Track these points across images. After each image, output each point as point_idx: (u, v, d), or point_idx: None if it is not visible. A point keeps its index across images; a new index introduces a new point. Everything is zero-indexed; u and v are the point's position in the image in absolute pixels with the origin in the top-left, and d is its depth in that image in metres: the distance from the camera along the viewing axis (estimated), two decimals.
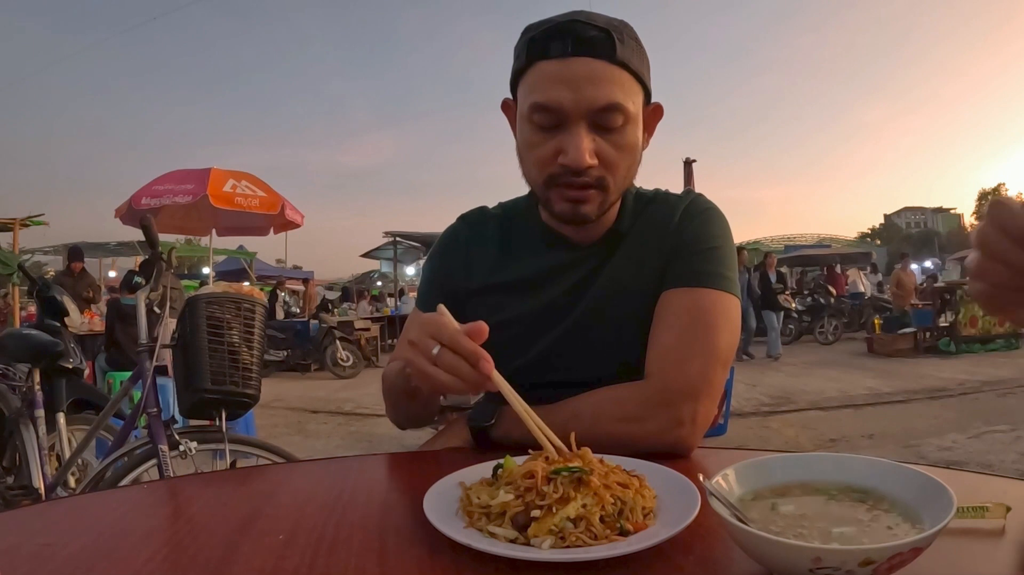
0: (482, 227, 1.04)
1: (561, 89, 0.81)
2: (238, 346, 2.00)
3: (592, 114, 0.82)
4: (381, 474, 0.81)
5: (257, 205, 5.96)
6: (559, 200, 0.87)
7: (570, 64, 0.81)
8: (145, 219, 2.14)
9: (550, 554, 0.49)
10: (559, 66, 0.82)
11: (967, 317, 8.74)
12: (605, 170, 0.85)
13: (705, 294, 0.87)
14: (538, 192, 0.91)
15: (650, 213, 0.97)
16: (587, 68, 0.81)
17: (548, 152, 0.84)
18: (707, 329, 0.85)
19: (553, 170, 0.85)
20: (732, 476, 0.53)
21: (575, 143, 0.82)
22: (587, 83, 0.81)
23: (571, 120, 0.82)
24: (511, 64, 0.91)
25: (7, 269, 7.46)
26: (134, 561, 0.53)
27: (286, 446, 2.28)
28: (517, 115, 0.90)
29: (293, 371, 9.83)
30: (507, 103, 0.96)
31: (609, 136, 0.84)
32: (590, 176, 0.84)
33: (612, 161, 0.85)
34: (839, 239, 24.67)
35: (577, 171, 0.83)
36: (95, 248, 13.14)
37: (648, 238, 0.95)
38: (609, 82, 0.81)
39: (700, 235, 0.92)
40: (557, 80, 0.81)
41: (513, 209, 1.05)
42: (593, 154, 0.83)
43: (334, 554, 0.53)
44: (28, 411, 2.50)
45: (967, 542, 0.51)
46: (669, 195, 1.01)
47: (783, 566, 0.42)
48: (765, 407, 5.73)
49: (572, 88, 0.81)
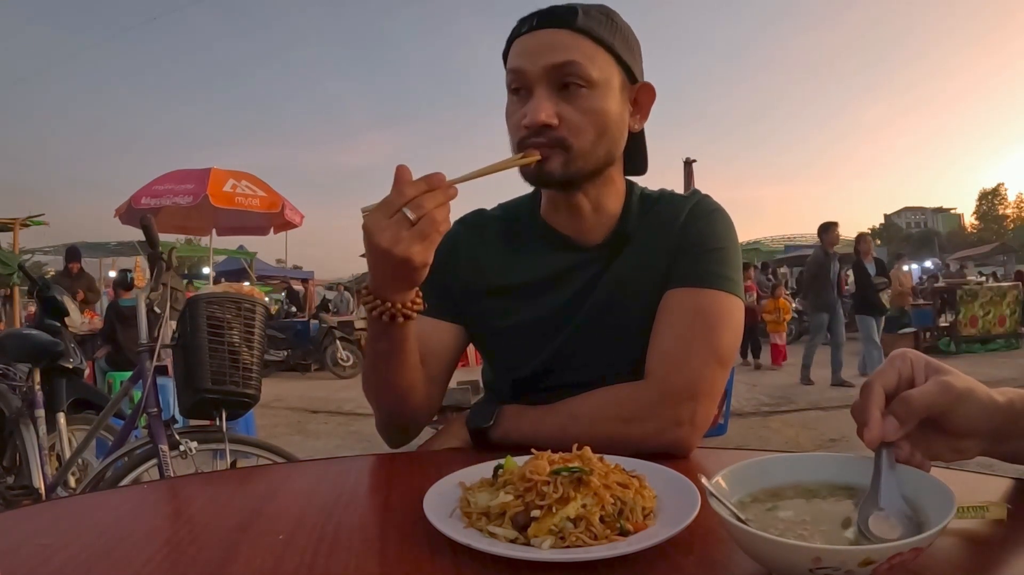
0: (482, 230, 1.03)
1: (524, 56, 0.88)
2: (238, 346, 2.00)
3: (549, 73, 0.86)
4: (381, 474, 0.81)
5: (257, 205, 5.96)
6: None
7: (535, 35, 0.88)
8: (145, 219, 2.15)
9: (550, 554, 0.49)
10: (527, 38, 0.89)
11: (967, 317, 8.74)
12: (567, 131, 0.86)
13: (708, 294, 0.87)
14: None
15: (656, 213, 0.97)
16: (549, 36, 0.87)
17: (518, 118, 0.88)
18: (708, 330, 0.85)
19: (521, 134, 0.88)
20: (732, 476, 0.53)
21: (532, 104, 0.86)
22: (547, 48, 0.87)
23: (533, 83, 0.87)
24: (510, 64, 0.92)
25: (7, 269, 7.47)
26: (134, 561, 0.53)
27: (286, 446, 2.29)
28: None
29: (293, 371, 9.84)
30: None
31: (572, 99, 0.86)
32: (549, 137, 0.86)
33: (574, 123, 0.86)
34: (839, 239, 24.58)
35: (536, 130, 0.85)
36: (95, 248, 13.13)
37: (654, 238, 0.94)
38: (565, 46, 0.86)
39: (705, 236, 0.92)
40: (523, 49, 0.88)
41: (514, 210, 1.04)
42: (552, 114, 0.85)
43: (334, 554, 0.53)
44: (28, 411, 2.50)
45: (967, 542, 0.51)
46: (675, 195, 1.00)
47: (783, 566, 0.42)
48: (765, 407, 5.73)
49: (532, 54, 0.87)
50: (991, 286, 9.76)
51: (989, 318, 8.80)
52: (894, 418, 0.51)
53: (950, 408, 0.52)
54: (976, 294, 8.90)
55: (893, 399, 0.53)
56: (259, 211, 6.01)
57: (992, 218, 65.23)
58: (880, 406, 0.52)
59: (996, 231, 57.36)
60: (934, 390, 0.52)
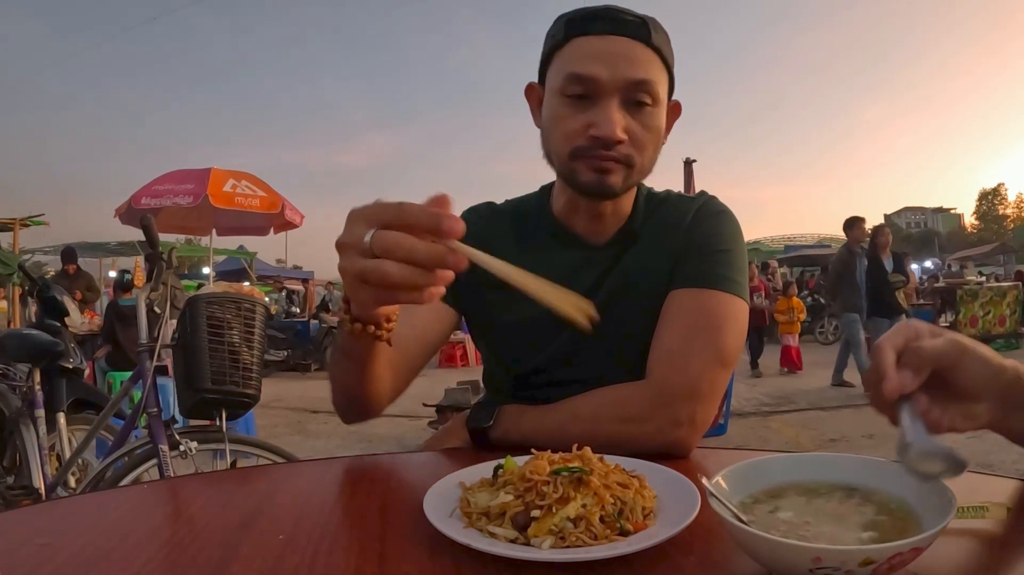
0: (494, 221, 1.01)
1: (598, 62, 0.83)
2: (238, 346, 2.00)
3: (625, 89, 0.84)
4: (381, 474, 0.81)
5: (257, 205, 5.96)
6: (585, 171, 0.86)
7: (608, 40, 0.84)
8: (145, 219, 2.15)
9: (550, 554, 0.49)
10: (598, 41, 0.85)
11: (967, 317, 8.75)
12: (633, 147, 0.85)
13: (712, 295, 0.87)
14: (561, 166, 0.90)
15: (663, 214, 0.97)
16: (624, 46, 0.84)
17: (577, 125, 0.85)
18: (711, 331, 0.84)
19: (581, 142, 0.85)
20: (732, 476, 0.52)
21: (607, 115, 0.83)
22: (623, 59, 0.83)
23: (604, 93, 0.84)
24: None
25: (7, 269, 7.48)
26: (134, 561, 0.53)
27: (286, 446, 2.29)
28: (547, 92, 0.91)
29: (293, 371, 9.84)
30: (531, 87, 0.96)
31: (638, 115, 0.85)
32: (618, 152, 0.84)
33: (640, 140, 0.86)
34: (839, 239, 24.65)
35: (607, 144, 0.84)
36: (95, 248, 13.13)
37: (660, 239, 0.94)
38: (644, 62, 0.85)
39: (711, 237, 0.92)
40: (595, 54, 0.84)
41: (523, 206, 1.03)
42: (624, 129, 0.84)
43: (334, 554, 0.53)
44: (28, 411, 2.50)
45: (967, 542, 0.51)
46: (682, 197, 1.00)
47: (783, 566, 0.42)
48: (765, 407, 5.73)
49: (609, 62, 0.83)
50: (991, 286, 9.77)
51: (989, 318, 8.80)
52: (908, 369, 0.53)
53: (958, 362, 0.54)
54: (976, 294, 8.91)
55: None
56: (259, 211, 6.01)
57: (992, 218, 65.23)
58: (892, 363, 0.54)
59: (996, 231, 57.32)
60: (941, 343, 0.54)
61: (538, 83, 0.95)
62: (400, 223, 0.53)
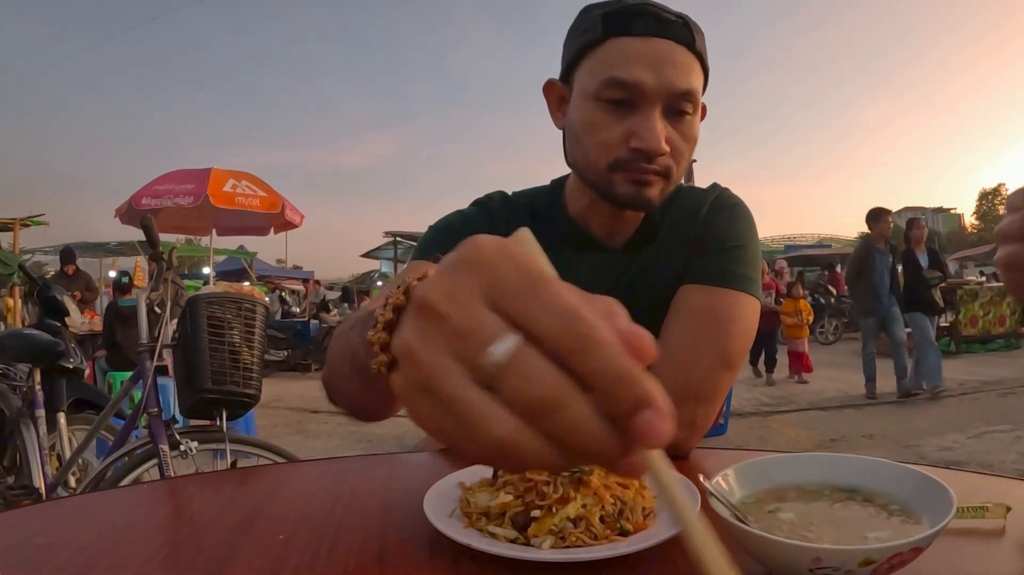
0: (513, 213, 0.95)
1: (643, 67, 0.78)
2: (239, 346, 2.00)
3: (670, 98, 0.79)
4: (381, 474, 0.81)
5: (257, 205, 5.96)
6: (623, 183, 0.81)
7: (654, 44, 0.78)
8: (146, 219, 2.15)
9: (550, 554, 0.49)
10: (643, 43, 0.78)
11: (967, 317, 8.75)
12: (672, 159, 0.81)
13: (722, 294, 0.84)
14: (595, 176, 0.84)
15: (677, 207, 0.93)
16: (670, 51, 0.79)
17: (617, 135, 0.80)
18: (718, 332, 0.82)
19: (621, 154, 0.80)
20: (732, 476, 0.53)
21: (651, 126, 0.78)
22: (670, 65, 0.78)
23: (647, 102, 0.78)
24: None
25: (7, 269, 7.48)
26: (134, 561, 0.53)
27: (286, 446, 2.28)
28: (577, 93, 0.85)
29: (293, 371, 9.84)
30: (552, 84, 0.90)
31: (679, 125, 0.81)
32: (659, 164, 0.80)
33: (680, 150, 0.82)
34: (839, 239, 24.64)
35: (650, 157, 0.79)
36: (95, 248, 13.13)
37: (677, 233, 0.91)
38: (689, 69, 0.80)
39: (726, 232, 0.89)
40: (640, 57, 0.78)
41: (536, 202, 0.97)
42: (666, 140, 0.79)
43: (334, 554, 0.53)
44: (28, 411, 2.50)
45: (967, 542, 0.51)
46: (694, 189, 0.97)
47: (783, 566, 0.42)
48: (765, 407, 5.73)
49: (655, 68, 0.78)
50: (991, 286, 9.77)
51: (989, 318, 8.80)
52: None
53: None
54: (976, 294, 8.90)
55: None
56: (259, 211, 6.01)
57: (992, 218, 65.17)
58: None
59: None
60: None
61: (560, 81, 0.89)
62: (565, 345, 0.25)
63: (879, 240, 5.62)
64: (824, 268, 15.30)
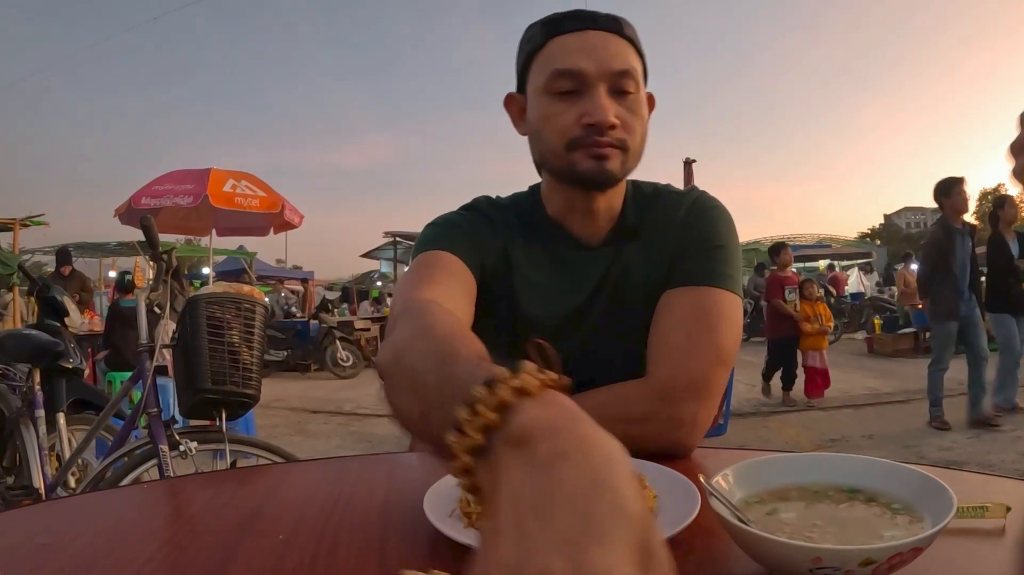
0: (501, 212, 0.99)
1: (582, 56, 0.86)
2: (238, 346, 2.00)
3: (611, 78, 0.86)
4: (381, 474, 0.81)
5: (257, 205, 5.96)
6: (584, 159, 0.87)
7: (587, 35, 0.88)
8: (146, 219, 2.15)
9: None
10: (577, 37, 0.88)
11: None
12: (625, 132, 0.87)
13: (709, 293, 0.88)
14: (557, 160, 0.89)
15: (657, 209, 0.97)
16: (603, 39, 0.88)
17: (570, 118, 0.86)
18: (710, 329, 0.85)
19: (575, 133, 0.86)
20: (732, 476, 0.53)
21: (598, 103, 0.85)
22: (604, 51, 0.87)
23: (591, 85, 0.86)
24: (510, 63, 0.93)
25: (7, 269, 7.46)
26: (134, 561, 0.53)
27: (286, 446, 2.28)
28: (531, 95, 0.92)
29: (293, 371, 9.83)
30: (511, 97, 0.97)
31: (624, 102, 0.88)
32: (612, 137, 0.86)
33: (630, 125, 0.88)
34: (839, 239, 24.60)
35: (601, 130, 0.85)
36: (95, 248, 13.14)
37: (657, 234, 0.94)
38: (623, 52, 0.88)
39: (707, 234, 0.93)
40: (578, 48, 0.87)
41: (520, 204, 1.01)
42: (615, 115, 0.86)
43: (334, 554, 0.53)
44: (28, 411, 2.50)
45: (967, 542, 0.51)
46: (671, 189, 1.01)
47: (783, 566, 0.42)
48: (765, 407, 5.73)
49: (592, 55, 0.86)
50: None
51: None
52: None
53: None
54: None
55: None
56: (259, 211, 6.01)
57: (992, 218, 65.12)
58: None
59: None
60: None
61: (517, 92, 0.95)
62: None
63: (955, 218, 4.30)
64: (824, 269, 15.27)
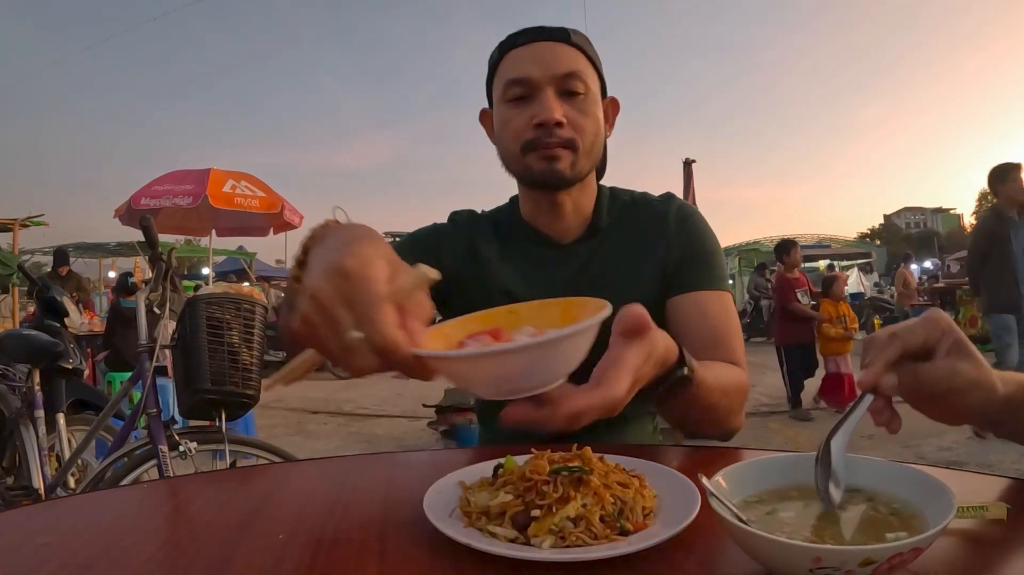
0: (478, 225, 1.08)
1: (529, 64, 0.94)
2: (238, 346, 2.00)
3: (557, 80, 0.93)
4: (381, 474, 0.81)
5: (256, 205, 5.97)
6: (536, 161, 0.94)
7: (535, 46, 0.96)
8: (145, 219, 2.15)
9: (550, 554, 0.49)
10: (526, 49, 0.96)
11: (967, 317, 8.73)
12: (574, 131, 0.93)
13: (722, 296, 0.98)
14: (516, 165, 0.97)
15: (634, 215, 1.03)
16: (550, 47, 0.95)
17: (522, 122, 0.94)
18: (736, 327, 0.97)
19: (528, 136, 0.93)
20: (732, 476, 0.53)
21: (545, 104, 0.92)
22: (551, 56, 0.94)
23: (540, 89, 0.93)
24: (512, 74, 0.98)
25: (7, 269, 7.46)
26: (134, 561, 0.53)
27: (286, 446, 2.28)
28: (494, 107, 1.00)
29: None
30: (484, 112, 1.06)
31: (573, 102, 0.94)
32: (560, 136, 0.92)
33: (579, 124, 0.94)
34: (839, 239, 24.62)
35: (549, 129, 0.91)
36: (95, 248, 13.13)
37: (634, 239, 1.01)
38: (568, 57, 0.95)
39: (701, 242, 1.01)
40: (524, 58, 0.95)
41: (499, 213, 1.10)
42: (562, 114, 0.92)
43: (334, 554, 0.53)
44: (28, 411, 2.50)
45: (967, 542, 0.51)
46: (649, 197, 1.08)
47: (783, 566, 0.42)
48: (765, 407, 5.73)
49: (537, 62, 0.94)
50: None
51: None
52: (896, 378, 0.54)
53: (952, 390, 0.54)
54: None
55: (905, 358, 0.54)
56: (258, 212, 6.02)
57: None
58: (890, 360, 0.54)
59: None
60: (945, 374, 0.54)
61: (489, 108, 1.04)
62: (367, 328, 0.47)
63: (1011, 206, 3.94)
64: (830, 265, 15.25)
